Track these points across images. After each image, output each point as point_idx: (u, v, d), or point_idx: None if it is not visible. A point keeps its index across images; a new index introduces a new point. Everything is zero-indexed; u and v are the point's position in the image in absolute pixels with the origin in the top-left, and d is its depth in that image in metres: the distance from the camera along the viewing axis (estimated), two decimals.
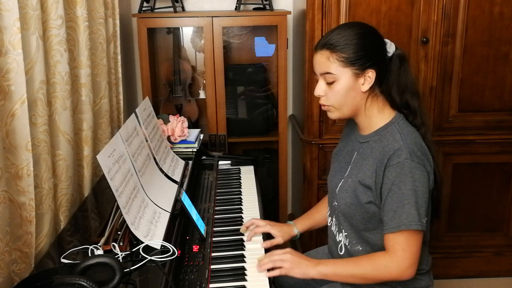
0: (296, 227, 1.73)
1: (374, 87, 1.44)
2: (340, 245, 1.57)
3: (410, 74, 1.49)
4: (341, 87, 1.42)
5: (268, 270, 1.44)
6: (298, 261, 1.44)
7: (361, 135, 1.52)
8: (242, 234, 1.65)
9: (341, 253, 1.56)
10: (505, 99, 2.42)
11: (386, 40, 1.47)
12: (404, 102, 1.48)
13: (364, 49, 1.40)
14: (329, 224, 1.65)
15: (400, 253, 1.36)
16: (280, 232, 1.67)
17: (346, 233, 1.53)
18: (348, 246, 1.53)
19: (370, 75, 1.41)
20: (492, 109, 2.44)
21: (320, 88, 1.45)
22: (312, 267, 1.43)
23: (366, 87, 1.42)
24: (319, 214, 1.76)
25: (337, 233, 1.58)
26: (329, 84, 1.43)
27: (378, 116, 1.46)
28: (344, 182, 1.52)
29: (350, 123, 1.62)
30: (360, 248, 1.50)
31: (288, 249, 1.48)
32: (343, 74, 1.41)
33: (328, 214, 1.65)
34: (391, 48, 1.46)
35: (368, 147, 1.47)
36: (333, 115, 1.49)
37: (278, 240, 1.65)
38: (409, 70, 1.49)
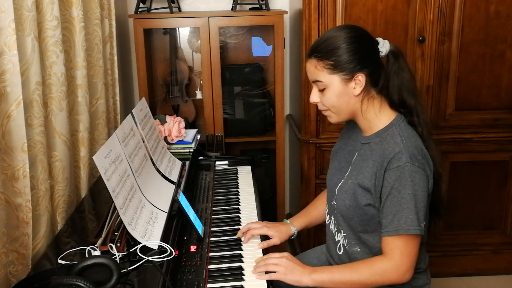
0: (293, 226, 1.71)
1: (369, 88, 1.42)
2: (338, 245, 1.56)
3: (406, 71, 1.46)
4: (332, 93, 1.42)
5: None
6: (293, 267, 1.41)
7: (362, 136, 1.51)
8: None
9: (340, 253, 1.56)
10: (501, 97, 2.43)
11: (379, 39, 1.45)
12: (401, 101, 1.47)
13: (351, 54, 1.38)
14: (327, 222, 1.64)
15: (398, 257, 1.36)
16: (278, 232, 1.65)
17: (344, 234, 1.53)
18: (347, 247, 1.53)
19: (360, 79, 1.40)
20: (488, 108, 2.44)
21: (314, 95, 1.47)
22: (307, 274, 1.41)
23: (358, 90, 1.41)
24: (316, 211, 1.75)
25: (336, 232, 1.57)
26: (321, 91, 1.44)
27: (377, 118, 1.45)
28: (344, 182, 1.51)
29: (350, 121, 1.60)
30: (359, 249, 1.50)
31: (285, 254, 1.46)
32: (332, 81, 1.40)
33: (326, 212, 1.65)
34: (384, 46, 1.44)
35: (368, 149, 1.46)
36: (332, 119, 1.49)
37: (275, 240, 1.64)
38: (404, 67, 1.46)
